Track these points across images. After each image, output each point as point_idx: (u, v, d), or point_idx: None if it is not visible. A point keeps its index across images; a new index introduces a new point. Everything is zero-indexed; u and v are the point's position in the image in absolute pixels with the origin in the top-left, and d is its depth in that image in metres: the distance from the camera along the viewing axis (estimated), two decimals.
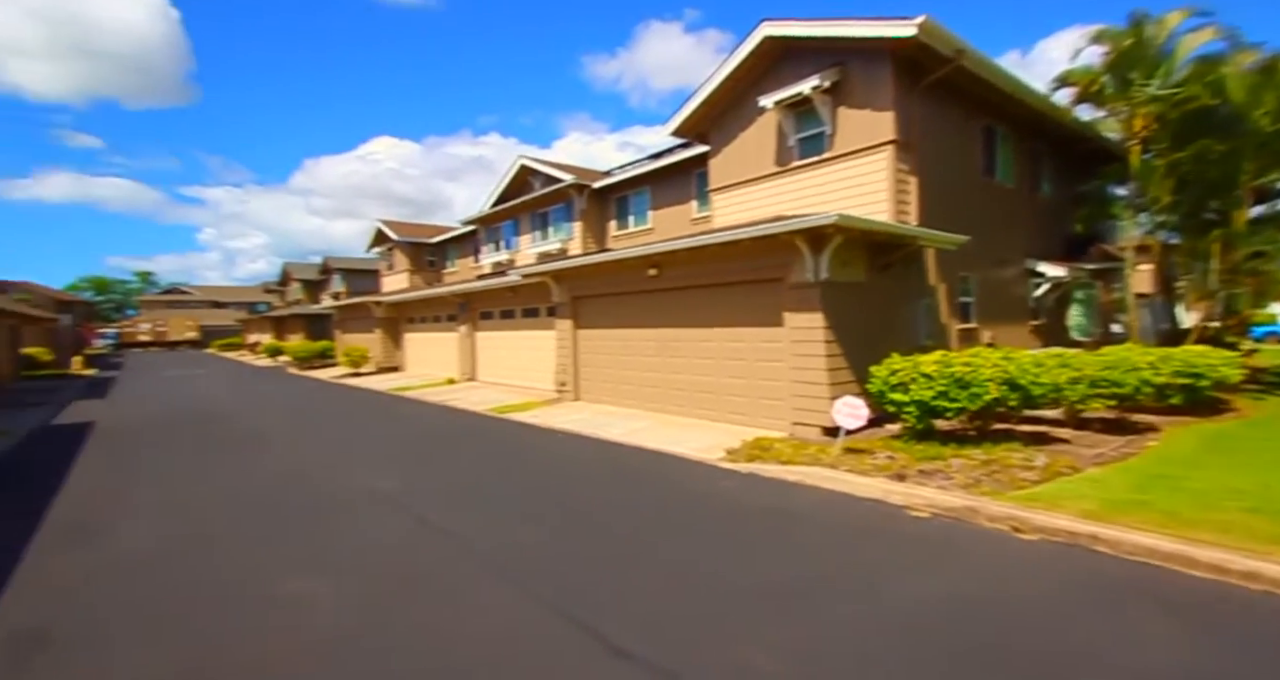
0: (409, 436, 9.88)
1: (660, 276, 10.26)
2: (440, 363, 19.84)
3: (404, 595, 3.86)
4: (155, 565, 4.54)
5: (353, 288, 33.57)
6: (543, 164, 18.99)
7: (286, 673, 3.03)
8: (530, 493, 6.23)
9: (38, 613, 3.74)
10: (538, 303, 14.68)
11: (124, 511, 5.98)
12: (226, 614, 3.68)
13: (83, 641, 3.40)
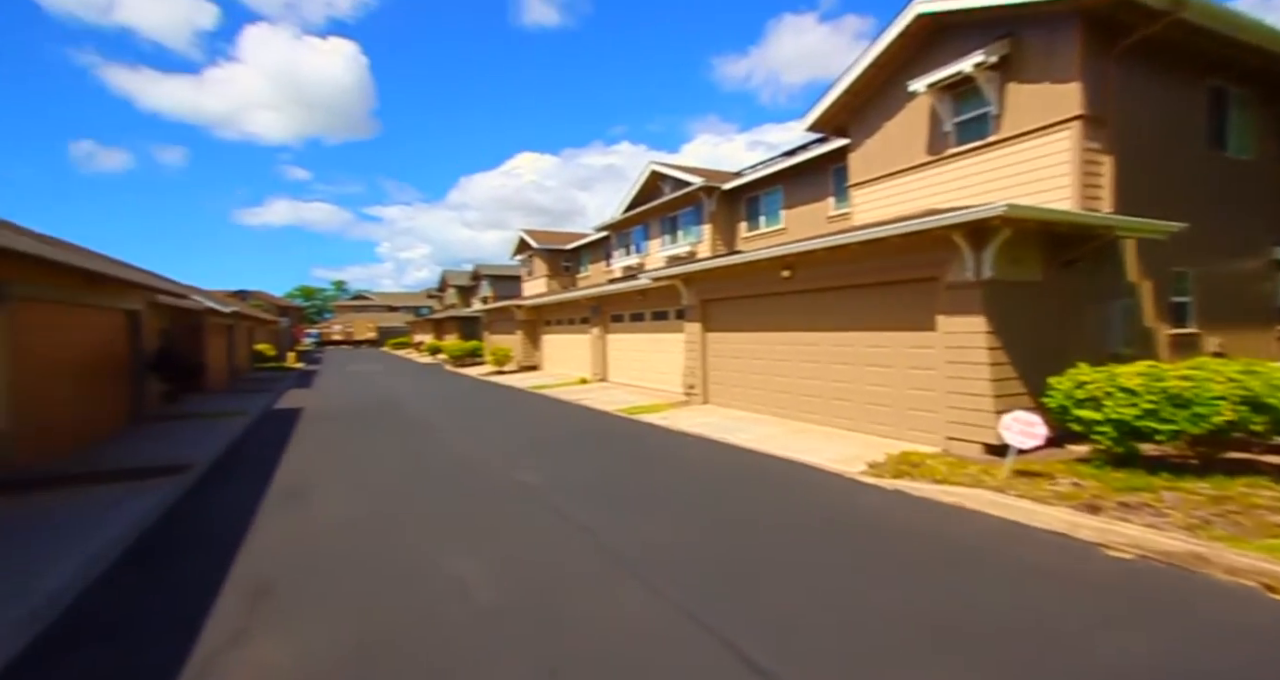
0: (547, 433, 10.51)
1: (793, 278, 9.83)
2: (574, 363, 20.94)
3: (547, 585, 4.08)
4: (345, 533, 5.28)
5: (498, 292, 36.76)
6: (672, 168, 19.24)
7: (449, 641, 3.33)
8: (660, 495, 6.27)
9: (263, 567, 4.52)
10: (666, 306, 14.87)
11: (323, 484, 7.07)
12: (399, 584, 4.16)
13: (293, 593, 4.05)
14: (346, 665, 3.10)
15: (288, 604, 3.83)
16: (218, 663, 3.13)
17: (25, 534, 5.11)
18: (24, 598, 3.78)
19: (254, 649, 3.27)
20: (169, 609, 3.79)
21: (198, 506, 6.22)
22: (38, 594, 3.85)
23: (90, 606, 3.86)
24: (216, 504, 6.26)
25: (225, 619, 3.61)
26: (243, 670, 3.06)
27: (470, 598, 3.86)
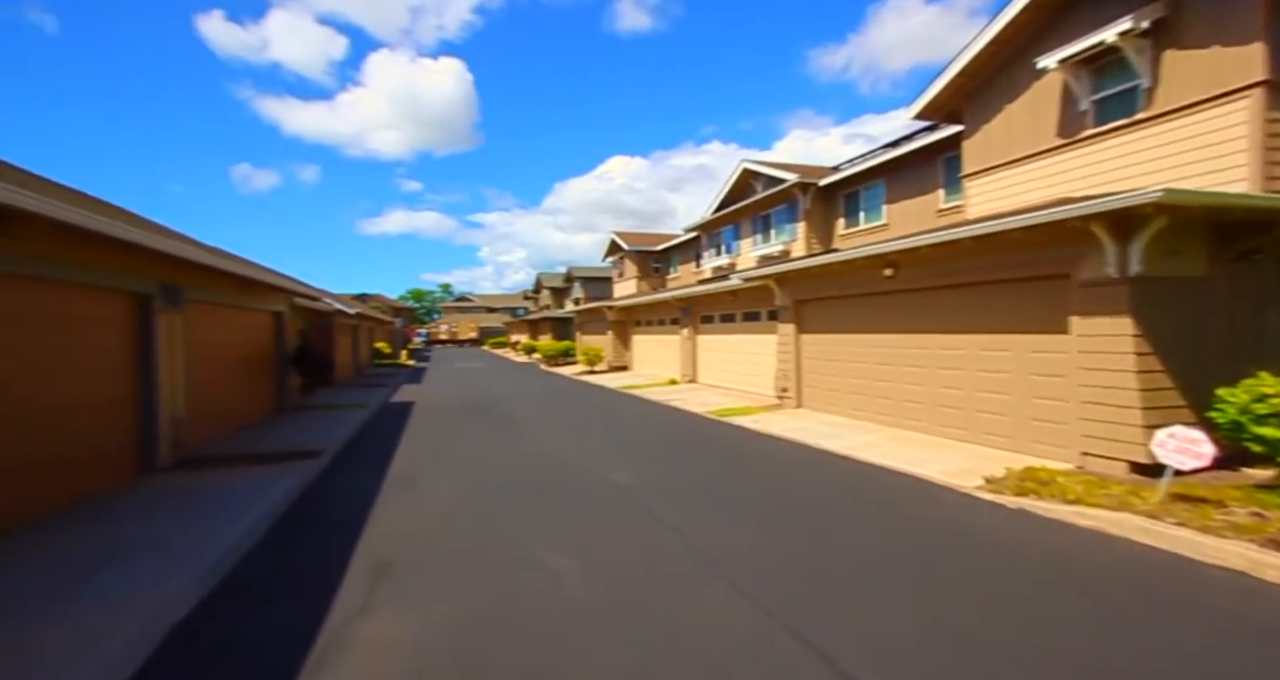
0: (638, 433, 10.62)
1: (897, 277, 9.21)
2: (663, 363, 21.04)
3: (636, 582, 4.10)
4: (451, 520, 5.65)
5: (590, 294, 37.82)
6: (765, 165, 18.77)
7: (546, 630, 3.44)
8: (752, 499, 6.11)
9: (383, 547, 4.94)
10: (758, 306, 14.52)
11: (432, 473, 7.61)
12: (500, 572, 4.37)
13: (409, 573, 4.38)
14: (454, 644, 3.29)
15: (404, 583, 4.15)
16: (347, 631, 3.45)
17: (200, 505, 5.96)
18: (199, 561, 4.40)
19: (376, 621, 3.57)
20: (308, 578, 4.24)
21: (328, 488, 6.92)
22: (210, 558, 4.46)
23: (247, 571, 4.41)
24: (343, 487, 6.94)
25: (353, 592, 3.97)
26: (368, 640, 3.35)
27: (564, 591, 3.97)
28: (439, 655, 3.19)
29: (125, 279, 7.12)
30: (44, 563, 4.34)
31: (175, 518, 5.47)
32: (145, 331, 7.67)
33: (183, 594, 3.82)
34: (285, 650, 3.22)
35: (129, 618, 3.46)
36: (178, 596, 3.78)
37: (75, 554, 4.52)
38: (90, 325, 6.66)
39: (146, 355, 7.65)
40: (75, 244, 5.86)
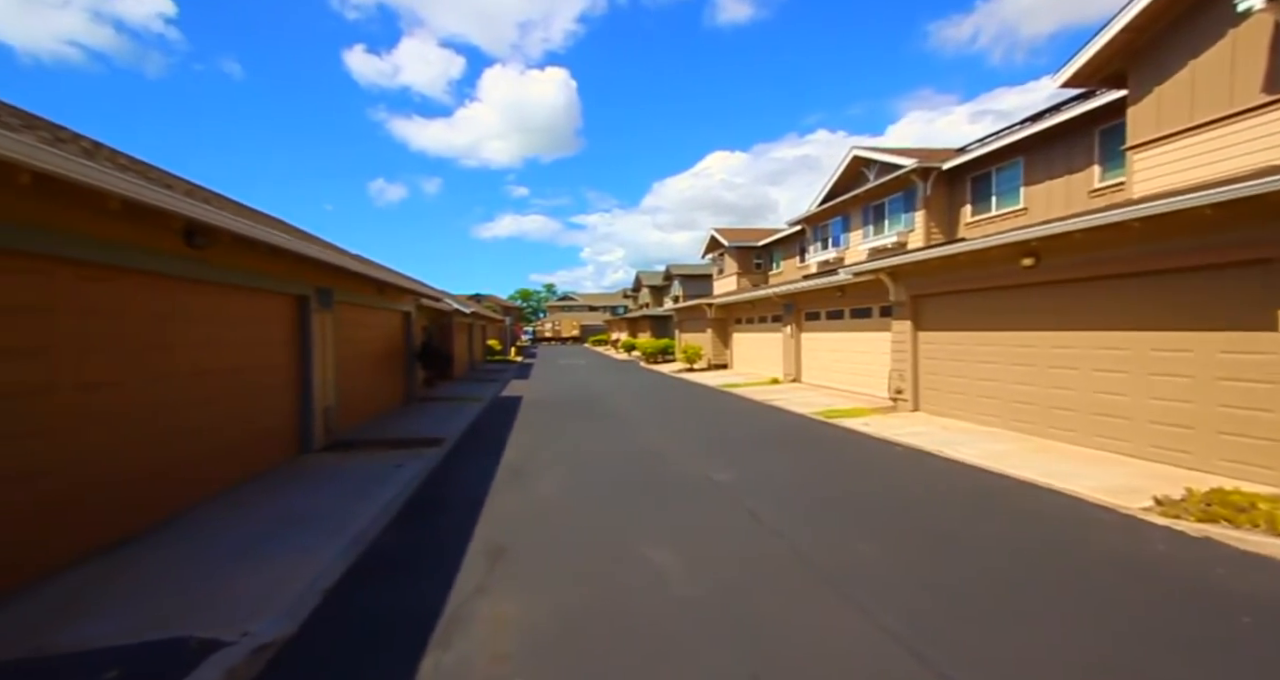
0: (740, 432, 10.38)
1: (1038, 267, 8.17)
2: (765, 362, 20.45)
3: (741, 585, 3.97)
4: (560, 511, 5.83)
5: (689, 291, 37.75)
6: (878, 151, 17.55)
7: (652, 624, 3.42)
8: (864, 507, 5.70)
9: (498, 532, 5.21)
10: (869, 302, 13.62)
11: (541, 465, 7.94)
12: (606, 564, 4.43)
13: (521, 559, 4.57)
14: (564, 630, 3.38)
15: (516, 568, 4.34)
16: (468, 608, 3.66)
17: (347, 483, 6.68)
18: (347, 533, 4.92)
19: (493, 601, 3.76)
20: (434, 556, 4.58)
21: (449, 474, 7.46)
22: (354, 530, 4.97)
23: (383, 545, 4.85)
24: (462, 473, 7.45)
25: (472, 572, 4.22)
26: (486, 618, 3.53)
27: (668, 588, 3.94)
28: (550, 638, 3.29)
29: (289, 284, 8.15)
30: (234, 525, 5.08)
31: (329, 493, 6.18)
32: (304, 329, 8.74)
33: (333, 562, 4.28)
34: (416, 621, 3.48)
35: (294, 579, 3.93)
36: (330, 563, 4.24)
37: (257, 519, 5.24)
38: (264, 325, 7.71)
39: (305, 350, 8.72)
40: (253, 254, 6.80)
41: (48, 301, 4.19)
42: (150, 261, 5.19)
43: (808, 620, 3.47)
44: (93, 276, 4.60)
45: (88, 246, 4.45)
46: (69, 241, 4.27)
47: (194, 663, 2.81)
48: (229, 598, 3.66)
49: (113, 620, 3.34)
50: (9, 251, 3.84)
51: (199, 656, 2.87)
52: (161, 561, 4.26)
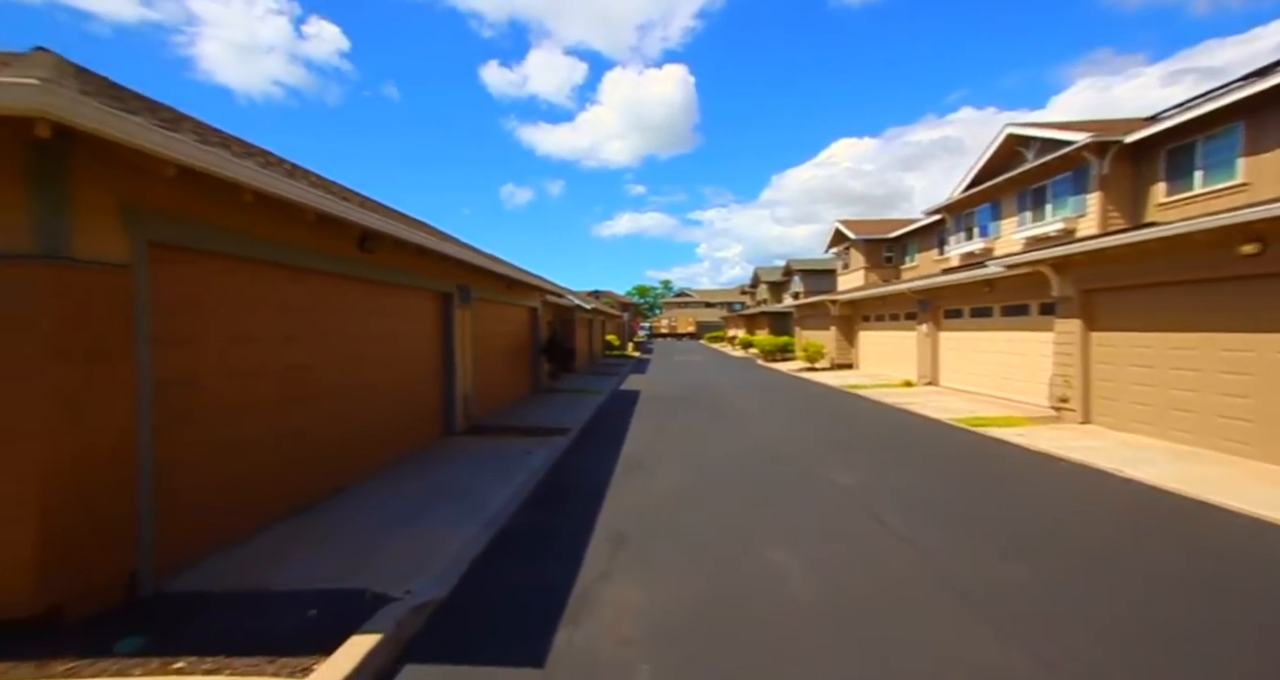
0: (866, 436, 9.72)
1: (1265, 255, 6.66)
2: (895, 363, 18.97)
3: (866, 594, 3.71)
4: (679, 504, 5.86)
5: (810, 287, 36.10)
6: (1038, 127, 15.39)
7: (766, 620, 3.31)
8: (1015, 525, 5.04)
9: (620, 521, 5.36)
10: (1024, 298, 12.04)
11: (659, 458, 8.04)
12: (725, 560, 4.37)
13: (642, 548, 4.66)
14: (684, 620, 3.39)
15: (638, 557, 4.43)
16: (594, 591, 3.81)
17: (485, 465, 7.28)
18: (487, 510, 5.36)
19: (617, 587, 3.88)
20: (562, 539, 4.83)
21: (574, 462, 7.83)
22: (493, 508, 5.41)
23: (518, 525, 5.21)
24: (585, 462, 7.78)
25: (596, 558, 4.39)
26: (611, 602, 3.65)
27: (788, 589, 3.81)
28: (672, 629, 3.31)
29: (435, 282, 9.05)
30: (394, 496, 5.77)
31: (470, 473, 6.78)
32: (447, 324, 9.67)
33: (476, 536, 4.68)
34: (549, 598, 3.70)
35: (444, 548, 4.37)
36: (474, 537, 4.65)
37: (412, 493, 5.91)
38: (415, 319, 8.65)
39: (448, 342, 9.65)
40: (408, 255, 7.65)
41: (258, 298, 5.03)
42: (332, 264, 6.03)
43: (943, 640, 3.15)
44: (291, 277, 5.45)
45: (289, 252, 5.27)
46: (277, 248, 5.09)
47: (370, 612, 3.22)
48: (391, 559, 4.15)
49: (307, 569, 3.94)
50: (239, 258, 4.67)
51: (373, 607, 3.29)
52: (339, 523, 4.95)
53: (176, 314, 4.04)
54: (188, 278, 4.18)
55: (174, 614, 3.28)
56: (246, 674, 2.62)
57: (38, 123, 2.60)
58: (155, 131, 3.06)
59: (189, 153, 3.30)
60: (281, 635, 3.02)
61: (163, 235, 3.86)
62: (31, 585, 2.98)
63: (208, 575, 3.83)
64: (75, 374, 3.23)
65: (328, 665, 2.67)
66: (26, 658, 2.73)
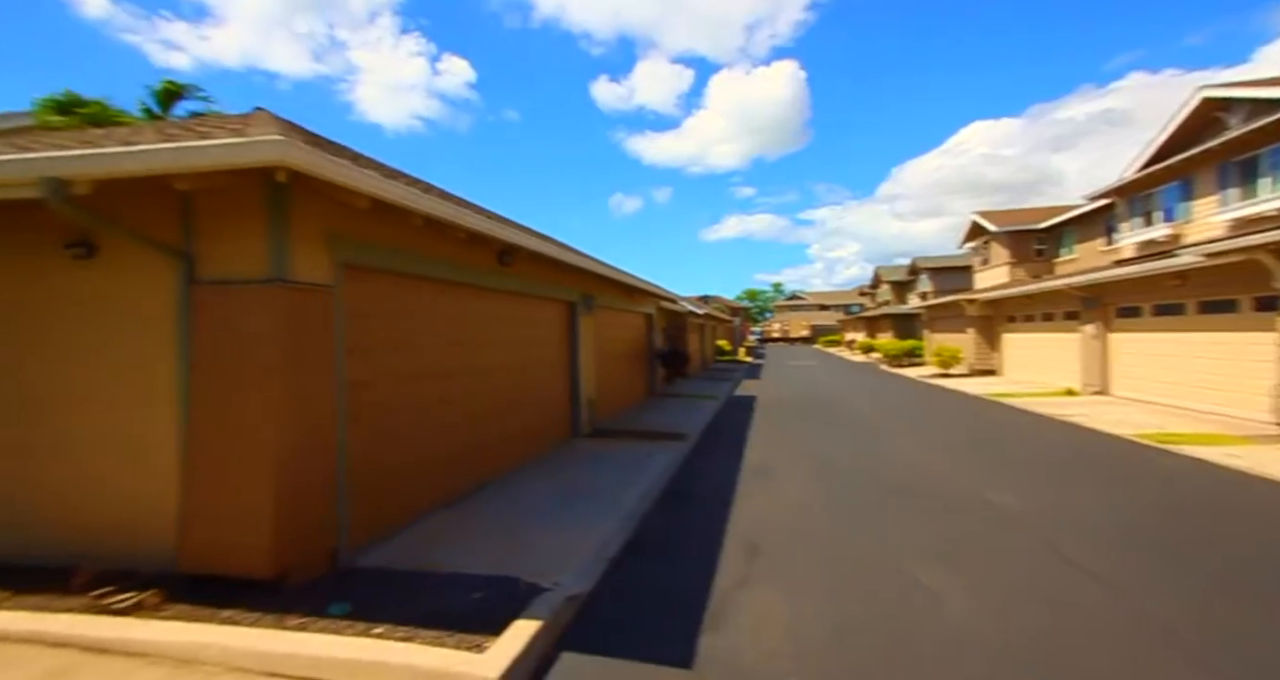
0: (1023, 451, 8.70)
1: None
2: (1051, 368, 16.78)
3: (1043, 624, 3.30)
4: (810, 515, 5.65)
5: (939, 286, 33.11)
6: (1246, 86, 12.84)
7: (927, 645, 3.06)
8: (1246, 566, 4.19)
9: (750, 528, 5.28)
10: (1231, 292, 10.10)
11: (784, 466, 7.81)
12: (868, 573, 4.12)
13: (777, 557, 4.55)
14: (833, 638, 3.25)
15: (775, 566, 4.34)
16: (733, 597, 3.80)
17: (612, 466, 7.56)
18: (619, 510, 5.56)
19: (756, 595, 3.83)
20: (694, 544, 4.86)
21: (696, 467, 7.85)
22: (625, 509, 5.60)
23: (650, 526, 5.34)
24: (708, 468, 7.77)
25: (732, 564, 4.36)
26: (751, 609, 3.61)
27: (950, 615, 3.51)
28: (820, 645, 3.19)
29: (562, 291, 9.58)
30: (532, 493, 6.19)
31: (598, 474, 7.08)
32: (573, 331, 10.18)
33: (612, 535, 4.87)
34: (689, 601, 3.74)
35: (583, 545, 4.60)
36: (610, 535, 4.84)
37: (547, 490, 6.30)
38: (545, 327, 9.22)
39: (573, 349, 10.15)
40: (539, 267, 8.18)
41: (416, 310, 5.66)
42: (475, 277, 6.61)
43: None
44: (441, 290, 6.06)
45: (442, 268, 5.88)
46: (432, 265, 5.71)
47: (528, 599, 3.48)
48: (537, 551, 4.44)
49: (464, 555, 4.35)
50: (403, 274, 5.31)
51: (529, 595, 3.55)
52: (487, 516, 5.40)
53: (357, 325, 4.67)
54: (365, 294, 4.81)
55: (366, 586, 3.78)
56: (432, 643, 2.95)
57: (278, 170, 3.18)
58: (357, 171, 3.59)
59: (380, 187, 3.82)
60: (454, 613, 3.36)
61: (352, 258, 4.49)
62: (268, 551, 3.61)
63: (385, 555, 4.37)
64: (296, 376, 3.86)
65: (499, 644, 2.93)
66: (269, 611, 3.31)
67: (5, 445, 4.17)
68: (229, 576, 3.65)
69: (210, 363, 3.80)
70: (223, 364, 3.78)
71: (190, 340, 3.84)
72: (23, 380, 4.16)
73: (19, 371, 4.17)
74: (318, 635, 3.03)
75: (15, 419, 4.16)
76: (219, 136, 3.52)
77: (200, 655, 2.88)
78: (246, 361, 3.75)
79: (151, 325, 3.94)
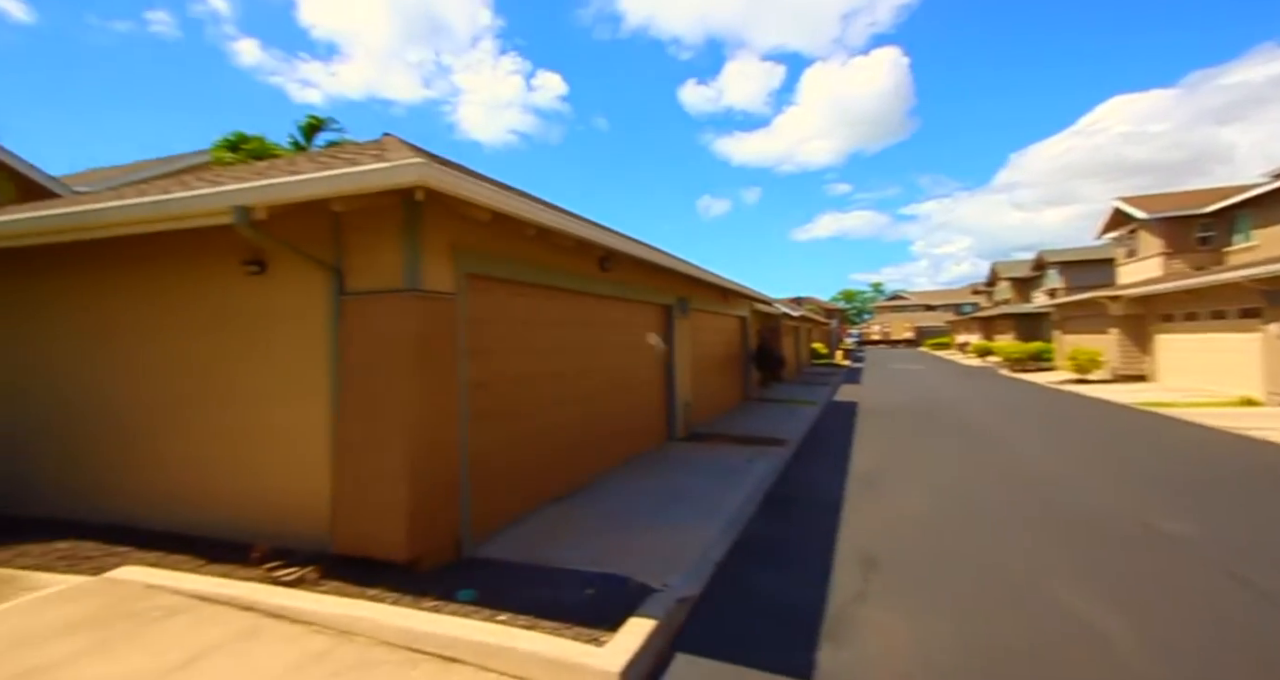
0: (1193, 469, 7.53)
1: None
2: (1220, 374, 14.43)
3: (1231, 666, 2.78)
4: (930, 531, 5.25)
5: (1071, 282, 29.57)
6: None
7: None
8: None
9: (864, 541, 5.00)
10: None
11: (895, 477, 7.34)
12: (1008, 600, 3.75)
13: (897, 573, 4.27)
14: (972, 662, 2.98)
15: (896, 583, 4.07)
16: (851, 612, 3.61)
17: (710, 470, 7.51)
18: (721, 514, 5.50)
19: (877, 612, 3.61)
20: (803, 552, 4.70)
21: (798, 474, 7.58)
22: (727, 513, 5.53)
23: (755, 532, 5.23)
24: (811, 475, 7.47)
25: (847, 577, 4.16)
26: (874, 628, 3.41)
27: (1110, 649, 3.09)
28: (959, 671, 2.94)
29: (658, 295, 9.67)
30: (634, 493, 6.29)
31: (697, 477, 7.05)
32: (668, 334, 10.25)
33: (716, 539, 4.83)
34: (801, 611, 3.62)
35: (688, 548, 4.59)
36: (715, 539, 4.80)
37: (649, 491, 6.38)
38: (642, 330, 9.34)
39: (669, 352, 10.21)
40: (638, 272, 8.33)
41: (528, 315, 5.96)
42: (579, 283, 6.85)
43: None
44: (548, 296, 6.33)
45: (550, 274, 6.15)
46: (542, 272, 5.99)
47: (639, 598, 3.54)
48: (643, 551, 4.49)
49: (573, 550, 4.50)
50: (515, 282, 5.62)
51: (639, 594, 3.61)
52: (592, 514, 5.55)
53: (476, 330, 5.00)
54: (483, 301, 5.13)
55: (487, 575, 4.02)
56: (553, 633, 3.08)
57: (417, 190, 3.50)
58: (483, 186, 3.86)
59: (504, 200, 4.09)
60: (569, 605, 3.49)
61: (473, 268, 4.83)
62: (405, 537, 3.96)
63: (502, 547, 4.63)
64: (427, 376, 4.21)
65: (617, 640, 3.00)
66: (406, 592, 3.62)
67: (195, 434, 4.91)
68: (370, 558, 4.04)
69: (354, 365, 4.25)
70: (364, 366, 4.21)
71: (339, 345, 4.31)
72: (207, 379, 4.89)
73: (205, 372, 4.90)
74: (450, 618, 3.27)
75: (203, 413, 4.89)
76: (364, 162, 3.94)
77: (354, 627, 3.21)
78: (384, 364, 4.15)
79: (309, 332, 4.47)
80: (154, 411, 5.06)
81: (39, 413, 5.53)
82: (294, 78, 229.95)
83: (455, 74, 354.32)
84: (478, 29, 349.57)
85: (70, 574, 4.08)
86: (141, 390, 5.12)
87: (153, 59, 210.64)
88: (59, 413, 5.45)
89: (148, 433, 5.08)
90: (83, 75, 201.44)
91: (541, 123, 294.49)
